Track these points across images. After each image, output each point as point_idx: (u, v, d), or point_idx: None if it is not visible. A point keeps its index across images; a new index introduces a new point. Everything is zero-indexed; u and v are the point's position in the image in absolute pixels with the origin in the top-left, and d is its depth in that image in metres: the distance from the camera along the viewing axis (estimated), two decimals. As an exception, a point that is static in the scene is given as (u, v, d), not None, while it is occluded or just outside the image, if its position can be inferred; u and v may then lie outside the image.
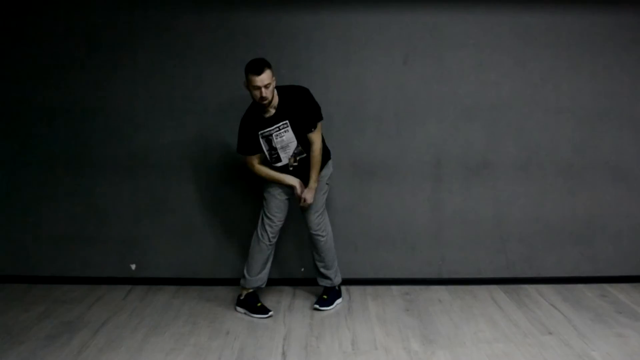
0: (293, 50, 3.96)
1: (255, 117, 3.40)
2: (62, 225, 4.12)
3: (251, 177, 3.73)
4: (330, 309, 3.67)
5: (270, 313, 3.57)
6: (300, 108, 3.39)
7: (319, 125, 3.46)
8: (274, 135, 3.39)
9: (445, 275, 4.12)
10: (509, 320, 3.49)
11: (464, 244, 4.11)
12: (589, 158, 4.05)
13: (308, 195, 3.49)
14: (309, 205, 3.55)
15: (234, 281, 3.92)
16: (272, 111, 3.38)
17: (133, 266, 4.15)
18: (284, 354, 3.08)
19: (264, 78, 3.22)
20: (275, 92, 3.37)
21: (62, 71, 4.00)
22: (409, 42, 3.97)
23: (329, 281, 3.73)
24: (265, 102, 3.28)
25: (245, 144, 3.45)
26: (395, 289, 4.03)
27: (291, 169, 3.49)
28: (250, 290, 3.64)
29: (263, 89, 3.23)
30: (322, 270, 3.71)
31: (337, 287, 3.78)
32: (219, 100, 4.00)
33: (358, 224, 4.09)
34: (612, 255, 4.12)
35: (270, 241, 3.59)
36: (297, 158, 3.47)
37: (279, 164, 3.48)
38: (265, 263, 3.63)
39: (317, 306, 3.66)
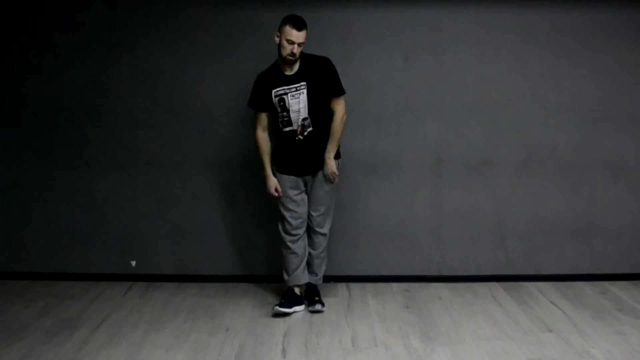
0: (293, 47, 3.95)
1: (274, 75, 3.43)
2: (62, 222, 4.12)
3: (252, 176, 3.72)
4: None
5: (284, 310, 3.50)
6: (321, 74, 3.43)
7: (343, 97, 3.47)
8: (289, 95, 3.39)
9: (445, 273, 4.12)
10: (508, 317, 3.50)
11: (464, 241, 4.11)
12: (590, 156, 4.05)
13: (330, 170, 3.47)
14: (333, 179, 3.51)
15: (234, 278, 3.92)
16: (292, 71, 3.42)
17: (133, 263, 4.15)
18: (284, 350, 3.08)
19: (301, 35, 3.30)
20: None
21: (62, 70, 3.99)
22: (410, 39, 3.96)
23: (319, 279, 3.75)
24: (293, 58, 3.34)
25: (256, 98, 3.49)
26: (395, 286, 4.03)
27: (298, 138, 3.43)
28: (290, 286, 3.62)
29: (296, 46, 3.30)
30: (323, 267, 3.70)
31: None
32: (219, 99, 4.00)
33: (358, 220, 4.08)
34: (612, 253, 4.12)
35: (292, 240, 3.55)
36: (305, 132, 3.44)
37: (288, 129, 3.44)
38: (298, 263, 3.58)
39: (319, 307, 3.60)
